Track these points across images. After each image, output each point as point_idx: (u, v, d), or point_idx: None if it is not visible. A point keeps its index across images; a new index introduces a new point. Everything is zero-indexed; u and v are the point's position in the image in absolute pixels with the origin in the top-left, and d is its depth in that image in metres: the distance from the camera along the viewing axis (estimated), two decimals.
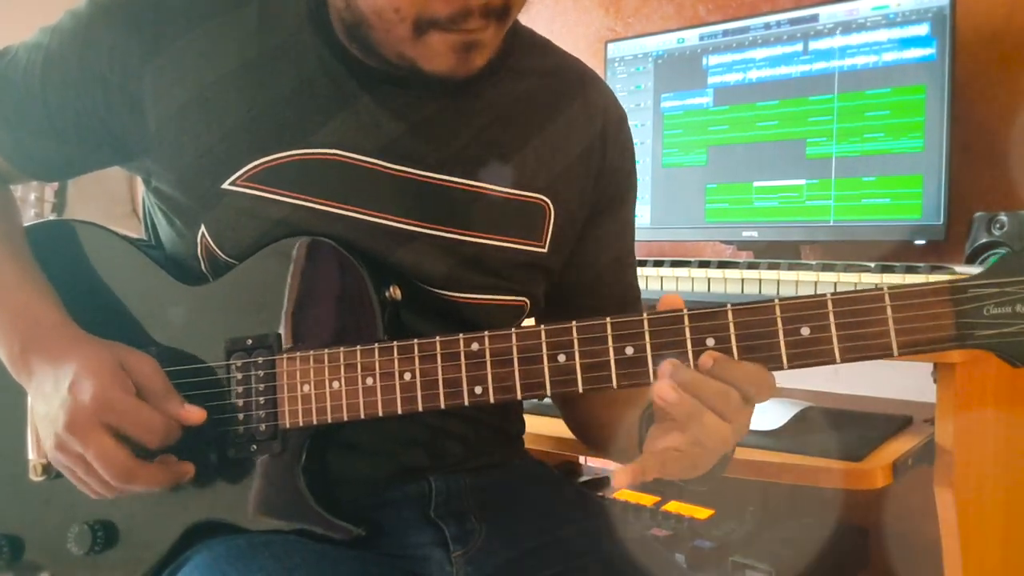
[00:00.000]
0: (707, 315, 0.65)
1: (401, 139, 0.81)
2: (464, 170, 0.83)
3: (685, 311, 0.66)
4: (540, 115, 0.88)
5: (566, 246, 0.90)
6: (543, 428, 1.26)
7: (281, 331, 0.79)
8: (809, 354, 0.63)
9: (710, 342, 0.65)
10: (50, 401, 0.76)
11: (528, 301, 0.89)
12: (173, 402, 0.77)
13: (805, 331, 0.63)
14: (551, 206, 0.87)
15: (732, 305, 0.65)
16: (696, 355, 0.65)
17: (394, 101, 0.81)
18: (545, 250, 0.88)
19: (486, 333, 0.71)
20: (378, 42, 0.77)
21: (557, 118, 0.89)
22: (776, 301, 0.64)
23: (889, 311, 0.61)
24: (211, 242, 0.81)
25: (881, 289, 0.61)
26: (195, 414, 0.77)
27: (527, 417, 1.01)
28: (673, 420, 0.66)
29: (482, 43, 0.75)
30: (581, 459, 1.79)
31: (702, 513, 1.47)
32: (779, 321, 0.64)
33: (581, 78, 0.93)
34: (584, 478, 1.70)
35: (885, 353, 0.61)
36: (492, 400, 0.71)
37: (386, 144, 0.81)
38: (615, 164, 0.93)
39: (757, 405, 0.67)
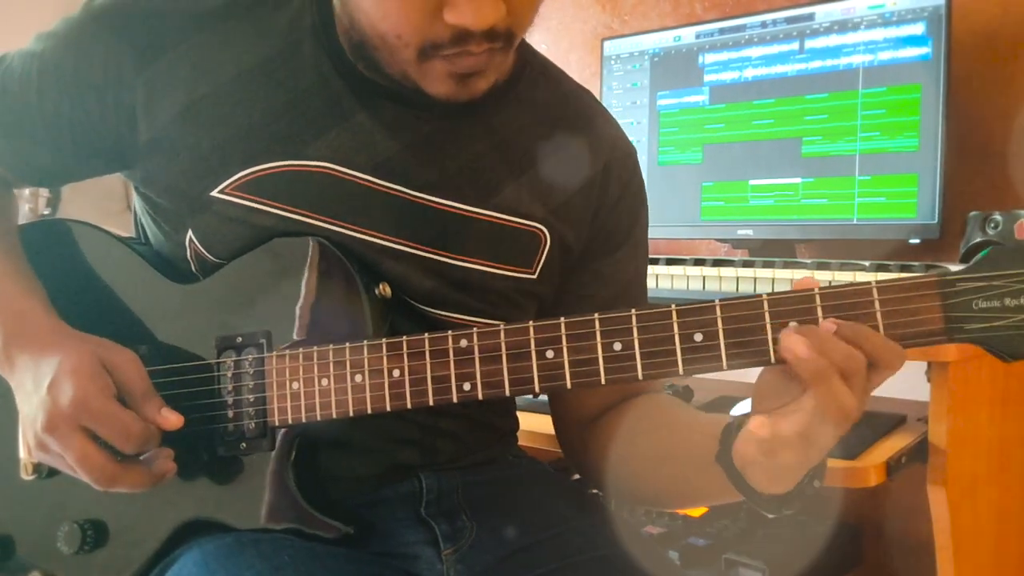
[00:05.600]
0: (695, 310, 0.65)
1: (394, 157, 0.81)
2: (456, 193, 0.82)
3: (673, 307, 0.65)
4: (542, 146, 0.87)
5: (556, 274, 0.89)
6: (538, 425, 1.25)
7: (270, 329, 0.78)
8: None
9: (698, 337, 0.65)
10: (30, 399, 0.75)
11: None
12: (151, 406, 0.75)
13: (793, 326, 0.62)
14: (547, 236, 0.86)
15: (720, 300, 0.64)
16: (684, 351, 0.65)
17: (391, 119, 0.80)
18: (534, 276, 0.87)
19: (475, 330, 0.71)
20: (382, 62, 0.76)
21: (560, 151, 0.87)
22: (764, 296, 0.63)
23: (877, 305, 0.61)
24: (199, 246, 0.81)
25: (869, 283, 0.61)
26: (172, 420, 0.75)
27: (521, 415, 1.01)
28: (779, 400, 0.65)
29: (485, 70, 0.74)
30: None
31: (695, 511, 1.47)
32: (767, 316, 0.63)
33: (588, 111, 0.92)
34: (578, 476, 1.69)
35: None
36: (481, 396, 0.71)
37: (379, 161, 0.80)
38: (614, 200, 0.91)
39: None
